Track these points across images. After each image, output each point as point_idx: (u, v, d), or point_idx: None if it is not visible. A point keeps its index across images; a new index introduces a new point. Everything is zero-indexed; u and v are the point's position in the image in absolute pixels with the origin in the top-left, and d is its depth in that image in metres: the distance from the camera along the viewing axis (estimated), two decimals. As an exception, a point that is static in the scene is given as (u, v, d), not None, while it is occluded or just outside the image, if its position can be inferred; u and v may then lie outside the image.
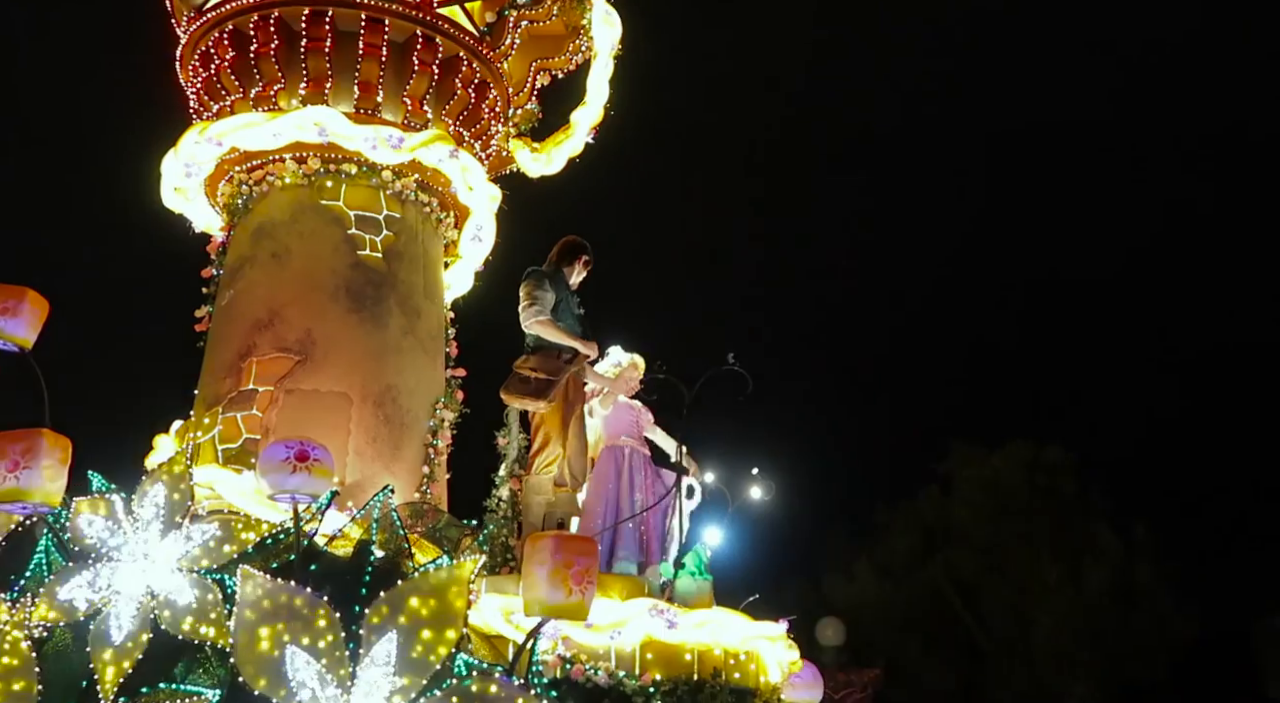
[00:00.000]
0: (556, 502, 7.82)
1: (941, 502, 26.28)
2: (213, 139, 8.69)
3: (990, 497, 25.56)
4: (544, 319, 8.01)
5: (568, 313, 8.17)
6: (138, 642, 6.19)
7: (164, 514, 6.51)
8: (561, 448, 7.90)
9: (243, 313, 8.49)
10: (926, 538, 26.12)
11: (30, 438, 6.65)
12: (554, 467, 7.87)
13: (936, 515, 26.19)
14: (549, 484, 7.84)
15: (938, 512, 26.22)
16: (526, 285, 8.16)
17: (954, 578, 25.18)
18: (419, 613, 6.12)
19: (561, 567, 5.93)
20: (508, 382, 7.99)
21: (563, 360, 7.98)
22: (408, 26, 9.07)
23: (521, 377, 7.92)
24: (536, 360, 7.99)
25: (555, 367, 7.94)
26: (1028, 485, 25.54)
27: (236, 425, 8.06)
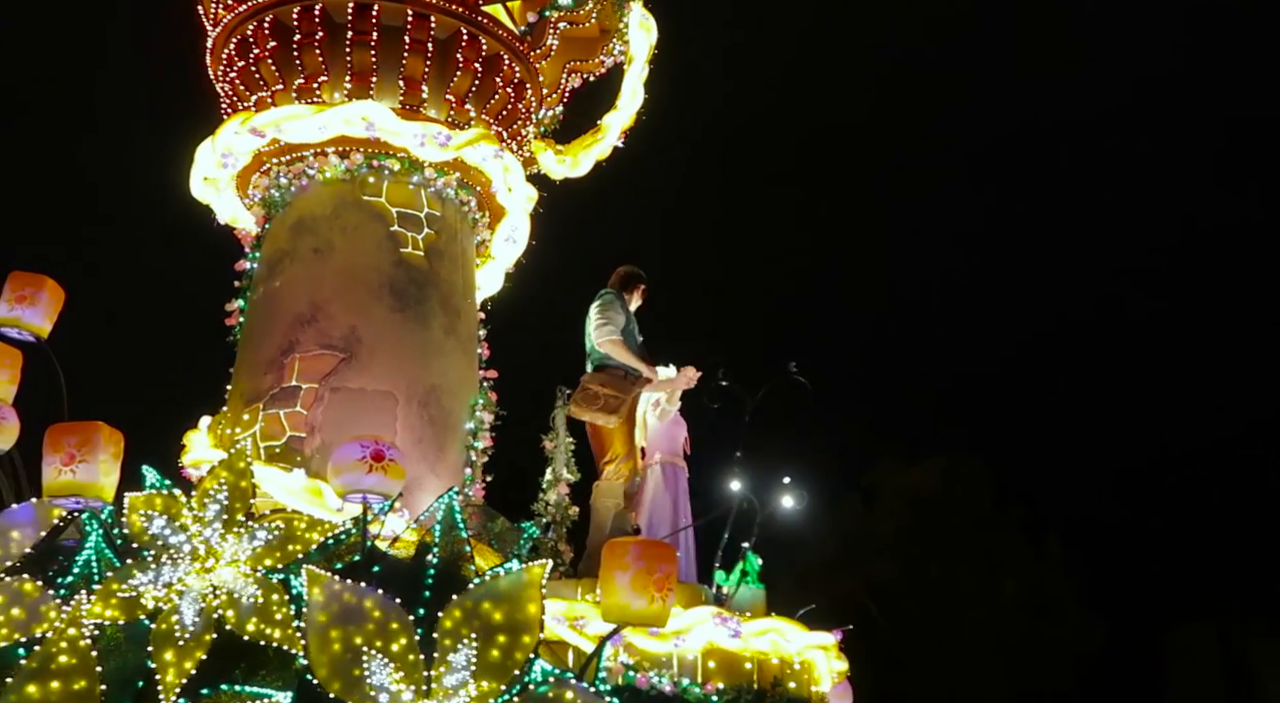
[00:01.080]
0: (619, 511, 7.81)
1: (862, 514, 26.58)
2: (256, 130, 8.51)
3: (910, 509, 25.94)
4: (616, 339, 8.22)
5: (632, 337, 8.38)
6: (201, 641, 6.00)
7: (226, 512, 6.34)
8: (631, 461, 7.97)
9: (283, 308, 8.32)
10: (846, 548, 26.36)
11: (86, 431, 6.46)
12: (625, 476, 7.92)
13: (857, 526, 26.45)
14: (619, 491, 7.86)
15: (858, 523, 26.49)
16: (601, 306, 8.38)
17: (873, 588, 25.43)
18: (492, 618, 6.02)
19: (644, 573, 5.86)
20: (577, 396, 8.15)
21: (629, 380, 8.21)
22: (452, 23, 8.97)
23: (592, 393, 8.07)
24: (604, 377, 8.21)
25: (623, 386, 8.18)
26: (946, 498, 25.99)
27: (280, 423, 7.88)
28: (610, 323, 8.22)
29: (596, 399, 8.05)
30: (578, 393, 8.15)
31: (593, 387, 8.11)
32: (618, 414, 8.03)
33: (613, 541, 6.03)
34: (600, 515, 7.79)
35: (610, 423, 8.03)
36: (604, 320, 8.28)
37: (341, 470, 6.06)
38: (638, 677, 6.66)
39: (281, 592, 6.14)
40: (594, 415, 8.06)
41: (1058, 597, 24.98)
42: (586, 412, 8.08)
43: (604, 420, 8.03)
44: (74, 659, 5.96)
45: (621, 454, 8.04)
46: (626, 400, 8.11)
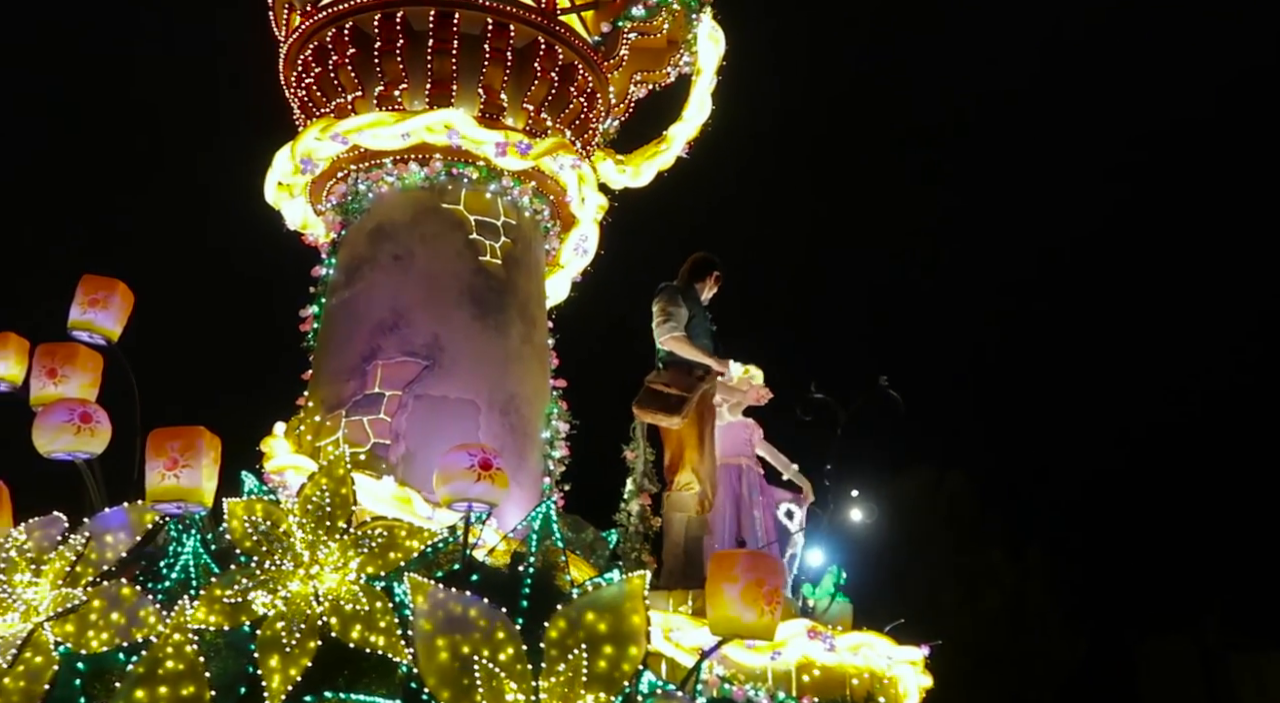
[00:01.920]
0: (691, 521, 7.75)
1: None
2: (338, 136, 8.53)
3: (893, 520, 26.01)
4: (679, 335, 8.01)
5: (701, 329, 8.18)
6: (306, 648, 5.98)
7: (328, 519, 6.33)
8: (706, 464, 7.87)
9: (365, 314, 8.32)
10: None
11: (189, 436, 6.47)
12: (695, 484, 7.82)
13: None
14: (691, 501, 7.79)
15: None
16: (660, 301, 8.16)
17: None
18: (597, 629, 5.99)
19: (754, 585, 5.84)
20: (640, 396, 7.99)
21: (695, 377, 8.00)
22: (530, 32, 8.98)
23: (654, 392, 7.91)
24: (669, 376, 7.99)
25: (688, 383, 7.95)
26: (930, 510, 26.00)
27: (364, 429, 7.87)
28: (671, 318, 8.00)
29: (658, 398, 7.90)
30: (641, 393, 8.01)
31: (656, 386, 7.96)
32: (680, 414, 7.83)
33: (720, 553, 6.01)
34: (674, 528, 7.74)
35: (673, 424, 7.88)
36: (664, 316, 8.06)
37: (450, 478, 6.05)
38: (734, 690, 6.64)
39: (385, 600, 6.12)
40: (655, 417, 7.92)
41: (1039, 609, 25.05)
42: (648, 413, 7.94)
43: (666, 421, 7.90)
44: (181, 665, 5.94)
45: (694, 460, 7.92)
46: (692, 399, 7.89)
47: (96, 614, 6.29)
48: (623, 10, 9.61)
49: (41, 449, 6.91)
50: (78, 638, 6.24)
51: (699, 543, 7.76)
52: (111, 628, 6.23)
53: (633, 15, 9.62)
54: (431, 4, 8.71)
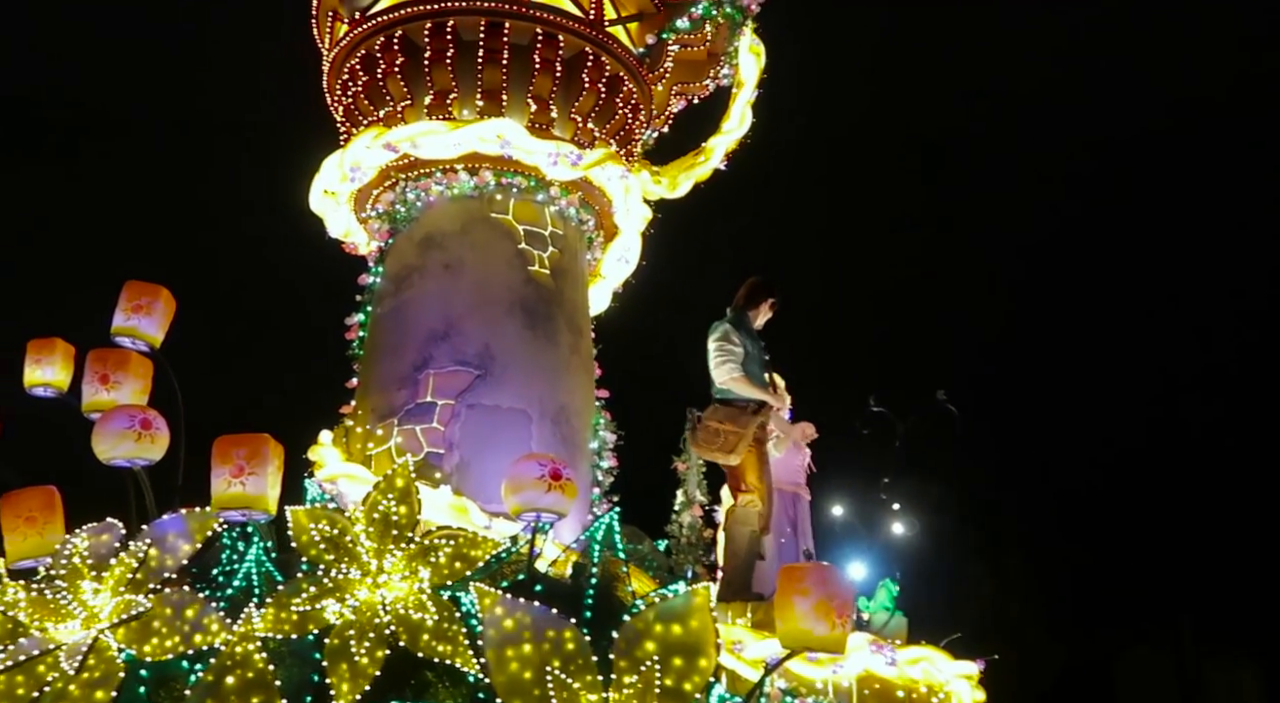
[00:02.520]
0: (753, 535, 7.77)
1: None
2: (390, 145, 8.53)
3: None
4: (738, 376, 8.06)
5: (755, 362, 8.20)
6: (374, 658, 5.96)
7: (394, 528, 6.31)
8: (764, 487, 7.92)
9: (415, 323, 8.31)
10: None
11: (255, 443, 6.45)
12: (760, 505, 7.88)
13: None
14: (754, 516, 7.81)
15: None
16: (716, 340, 8.18)
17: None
18: (665, 640, 5.98)
19: (825, 599, 5.82)
20: (697, 433, 8.11)
21: (749, 413, 8.07)
22: (578, 43, 9.01)
23: (712, 430, 8.01)
24: (724, 413, 8.08)
25: (742, 420, 8.03)
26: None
27: (417, 438, 7.86)
28: (729, 358, 8.03)
29: (716, 437, 7.98)
30: (700, 430, 8.07)
31: (712, 424, 8.03)
32: (736, 452, 7.94)
33: (791, 566, 6.00)
34: (737, 542, 7.75)
35: (731, 461, 7.97)
36: (722, 356, 8.08)
37: (520, 488, 6.04)
38: (796, 703, 6.64)
39: (452, 609, 6.10)
40: (714, 454, 8.02)
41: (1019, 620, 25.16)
42: (707, 451, 8.03)
43: (724, 459, 7.99)
44: (250, 674, 5.91)
45: (755, 486, 7.97)
46: (746, 435, 7.98)
47: (160, 621, 6.25)
48: (668, 23, 9.64)
49: (102, 456, 6.88)
50: (141, 645, 6.20)
51: (754, 559, 7.76)
52: (175, 635, 6.19)
53: (677, 28, 9.65)
54: (482, 14, 8.73)
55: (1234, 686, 25.21)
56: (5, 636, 6.42)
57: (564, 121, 9.04)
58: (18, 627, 6.42)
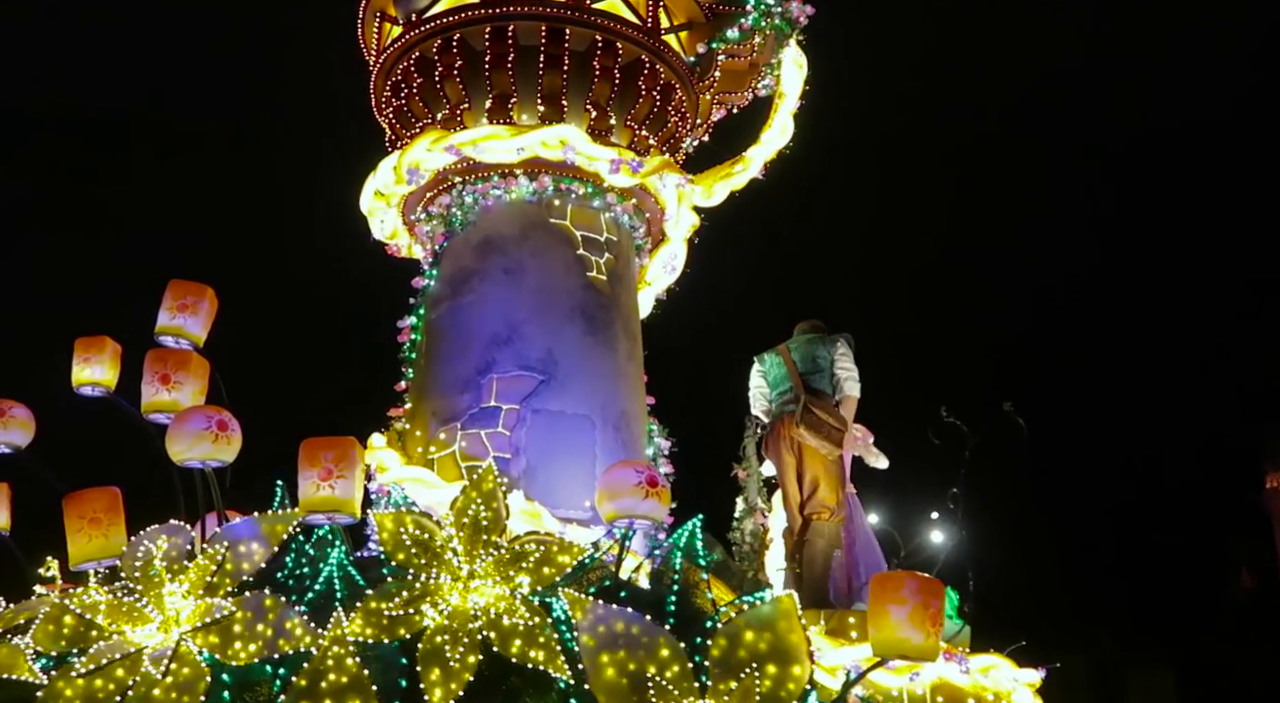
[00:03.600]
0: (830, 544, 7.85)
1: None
2: (452, 147, 8.50)
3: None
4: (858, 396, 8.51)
5: None
6: (466, 663, 5.93)
7: (483, 532, 6.29)
8: (838, 493, 8.00)
9: (477, 327, 8.29)
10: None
11: (343, 446, 6.41)
12: (838, 514, 7.96)
13: None
14: (835, 528, 7.88)
15: None
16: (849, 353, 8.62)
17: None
18: (757, 648, 6.01)
19: (921, 608, 5.87)
20: (804, 417, 8.23)
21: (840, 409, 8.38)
22: (635, 50, 9.04)
23: (818, 419, 8.21)
24: (826, 407, 8.34)
25: (840, 419, 8.31)
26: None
27: (482, 443, 7.83)
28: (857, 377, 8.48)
29: (822, 427, 8.15)
30: (805, 414, 8.18)
31: (819, 413, 8.20)
32: (841, 446, 8.20)
33: (885, 574, 6.07)
34: (815, 550, 7.81)
35: (833, 454, 8.16)
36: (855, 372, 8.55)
37: (616, 494, 6.06)
38: (875, 710, 6.69)
39: (544, 615, 6.09)
40: (820, 443, 8.16)
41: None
42: (815, 437, 8.15)
43: (828, 450, 8.15)
44: (344, 678, 5.85)
45: (826, 484, 8.05)
46: (847, 431, 8.26)
47: (241, 625, 6.19)
48: (717, 32, 9.69)
49: (176, 456, 6.79)
50: (223, 649, 6.13)
51: (830, 571, 7.83)
52: (258, 639, 6.13)
53: (727, 38, 9.69)
54: (543, 19, 8.73)
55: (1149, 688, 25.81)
56: (81, 639, 6.33)
57: (620, 129, 9.07)
58: (96, 630, 6.33)
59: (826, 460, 8.19)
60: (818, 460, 8.20)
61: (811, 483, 8.14)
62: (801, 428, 8.13)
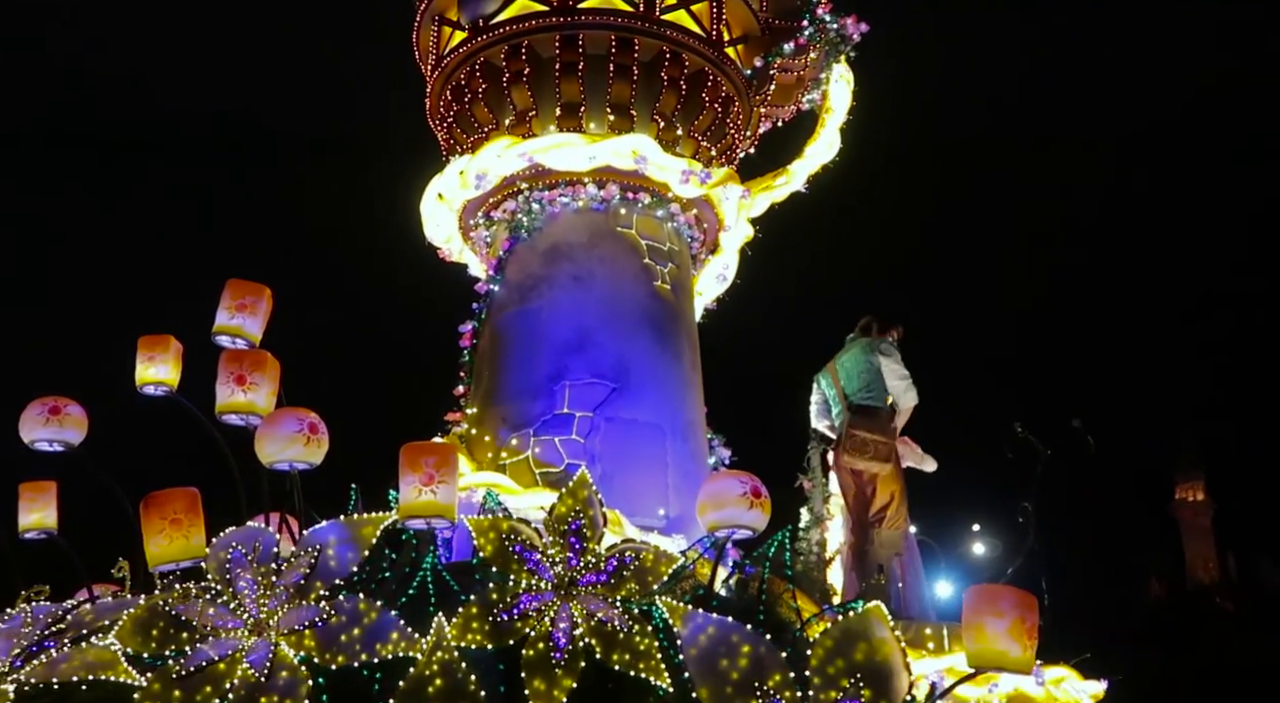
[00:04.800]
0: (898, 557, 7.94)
1: None
2: (525, 154, 8.55)
3: None
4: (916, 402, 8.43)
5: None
6: (570, 670, 5.97)
7: (583, 540, 6.32)
8: (905, 504, 8.09)
9: (548, 334, 8.33)
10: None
11: (444, 452, 6.44)
12: (901, 523, 8.03)
13: None
14: (899, 539, 7.96)
15: None
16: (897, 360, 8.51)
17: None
18: (854, 659, 6.10)
19: (1020, 621, 5.99)
20: (847, 444, 8.23)
21: (888, 421, 8.34)
22: (699, 62, 9.12)
23: (861, 440, 8.18)
24: (869, 423, 8.28)
25: (888, 430, 8.28)
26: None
27: (557, 450, 7.85)
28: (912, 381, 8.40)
29: (867, 447, 8.16)
30: (848, 441, 8.21)
31: (861, 434, 8.20)
32: (890, 460, 8.19)
33: (983, 587, 6.17)
34: (880, 563, 7.89)
35: (884, 470, 8.16)
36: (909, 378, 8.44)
37: (722, 505, 6.13)
38: (956, 721, 6.78)
39: (644, 623, 6.14)
40: (868, 464, 8.18)
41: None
42: (860, 460, 8.18)
43: (878, 468, 8.15)
44: (447, 683, 5.87)
45: (897, 500, 8.14)
46: (893, 444, 8.27)
47: (337, 629, 6.18)
48: (774, 46, 9.78)
49: (266, 458, 6.77)
50: (320, 653, 6.12)
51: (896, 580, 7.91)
52: (355, 643, 6.14)
53: (783, 52, 9.78)
54: (612, 29, 8.80)
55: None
56: (171, 640, 6.28)
57: (685, 140, 9.14)
58: (187, 632, 6.28)
59: (893, 473, 8.27)
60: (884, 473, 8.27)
61: (881, 495, 8.21)
62: (845, 457, 8.21)
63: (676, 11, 9.11)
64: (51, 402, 7.99)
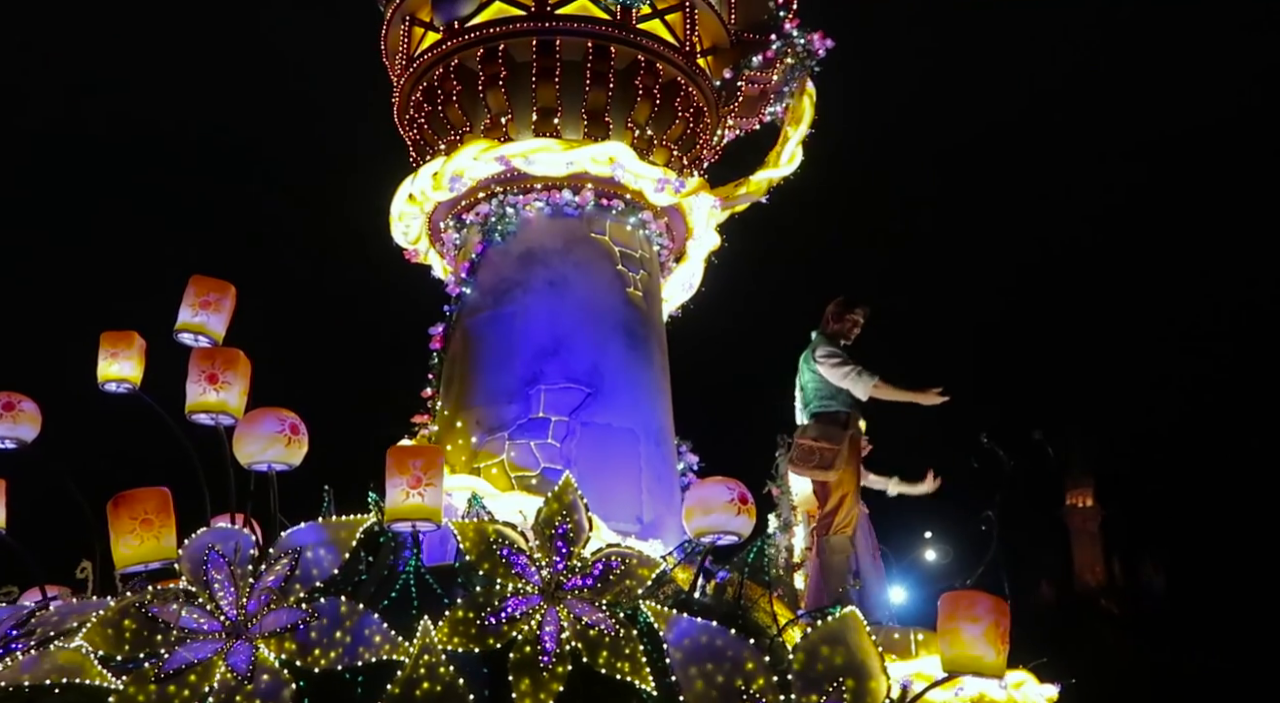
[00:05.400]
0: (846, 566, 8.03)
1: None
2: (502, 158, 8.55)
3: None
4: (878, 381, 8.09)
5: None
6: (556, 673, 6.01)
7: (568, 544, 6.36)
8: (856, 507, 8.13)
9: (523, 338, 8.35)
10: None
11: (431, 454, 6.44)
12: (852, 526, 8.07)
13: None
14: (848, 543, 8.04)
15: None
16: (826, 353, 8.19)
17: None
18: (834, 662, 6.24)
19: (994, 627, 6.19)
20: (793, 454, 8.15)
21: (839, 426, 8.14)
22: (672, 72, 9.22)
23: (806, 449, 8.08)
24: (817, 429, 8.14)
25: (837, 434, 8.10)
26: None
27: (532, 454, 7.87)
28: (854, 366, 8.06)
29: (812, 455, 8.07)
30: (794, 450, 8.17)
31: (805, 442, 8.12)
32: (834, 467, 8.04)
33: (956, 593, 6.33)
34: (834, 571, 7.98)
35: (829, 478, 8.09)
36: (847, 366, 8.07)
37: (710, 510, 6.22)
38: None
39: (630, 627, 6.20)
40: (812, 473, 8.09)
41: None
42: (805, 469, 8.13)
43: (823, 476, 8.07)
44: (438, 687, 5.87)
45: (847, 499, 8.14)
46: (841, 450, 8.08)
47: (318, 632, 6.14)
48: (742, 59, 9.92)
49: (245, 458, 6.68)
50: (301, 656, 6.07)
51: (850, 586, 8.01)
52: (337, 647, 6.10)
53: (752, 64, 9.93)
54: (589, 36, 8.85)
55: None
56: (145, 643, 6.16)
57: (658, 148, 9.23)
58: (160, 634, 6.17)
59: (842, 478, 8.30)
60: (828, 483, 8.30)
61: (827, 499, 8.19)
62: (791, 467, 8.16)
63: (651, 21, 9.19)
64: (5, 397, 7.79)
